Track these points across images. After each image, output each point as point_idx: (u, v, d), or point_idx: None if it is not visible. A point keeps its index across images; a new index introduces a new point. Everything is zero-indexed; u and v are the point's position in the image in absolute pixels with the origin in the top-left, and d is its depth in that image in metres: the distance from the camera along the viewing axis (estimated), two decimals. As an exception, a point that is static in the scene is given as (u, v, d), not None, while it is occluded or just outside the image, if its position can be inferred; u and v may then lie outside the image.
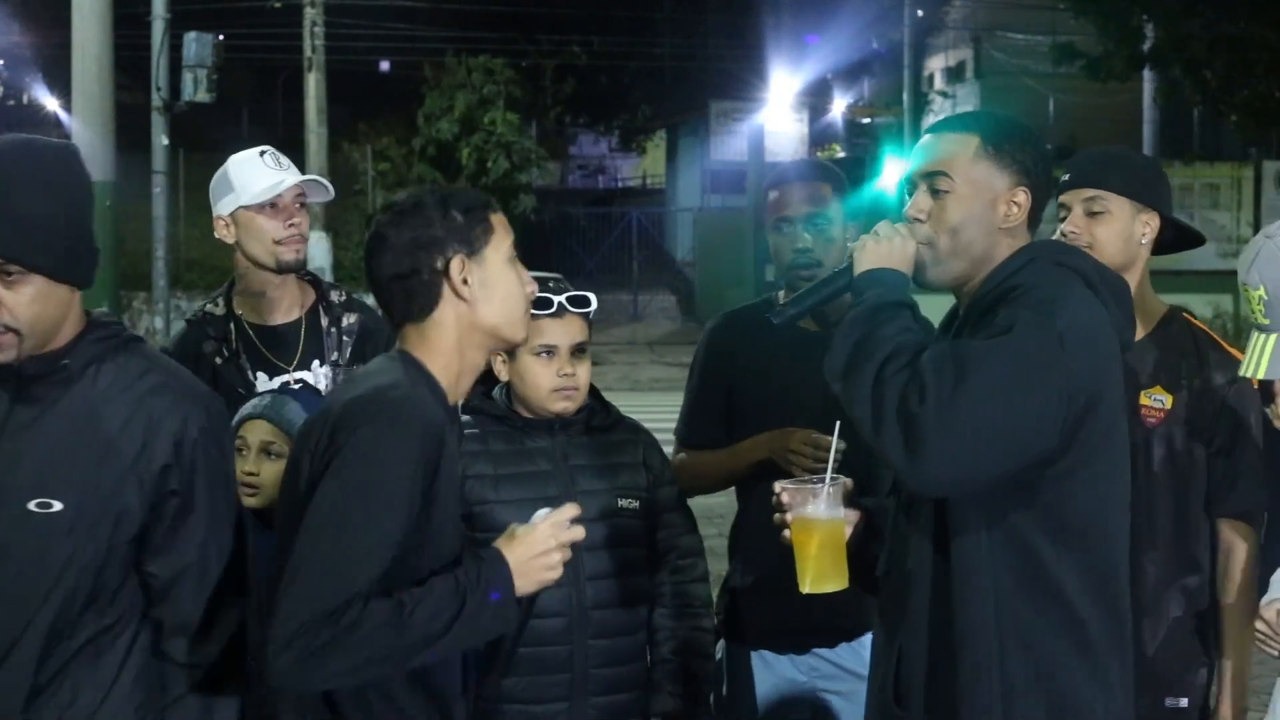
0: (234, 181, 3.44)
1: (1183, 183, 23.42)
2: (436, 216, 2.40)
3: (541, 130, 32.35)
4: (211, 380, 3.39)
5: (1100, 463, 2.30)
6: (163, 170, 15.12)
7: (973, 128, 2.44)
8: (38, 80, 33.33)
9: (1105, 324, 2.31)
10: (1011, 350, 2.18)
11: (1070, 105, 35.05)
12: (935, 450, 2.13)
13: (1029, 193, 2.41)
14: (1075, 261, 2.39)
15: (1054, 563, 2.28)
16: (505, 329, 2.45)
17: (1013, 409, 2.15)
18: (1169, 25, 22.15)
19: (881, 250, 2.40)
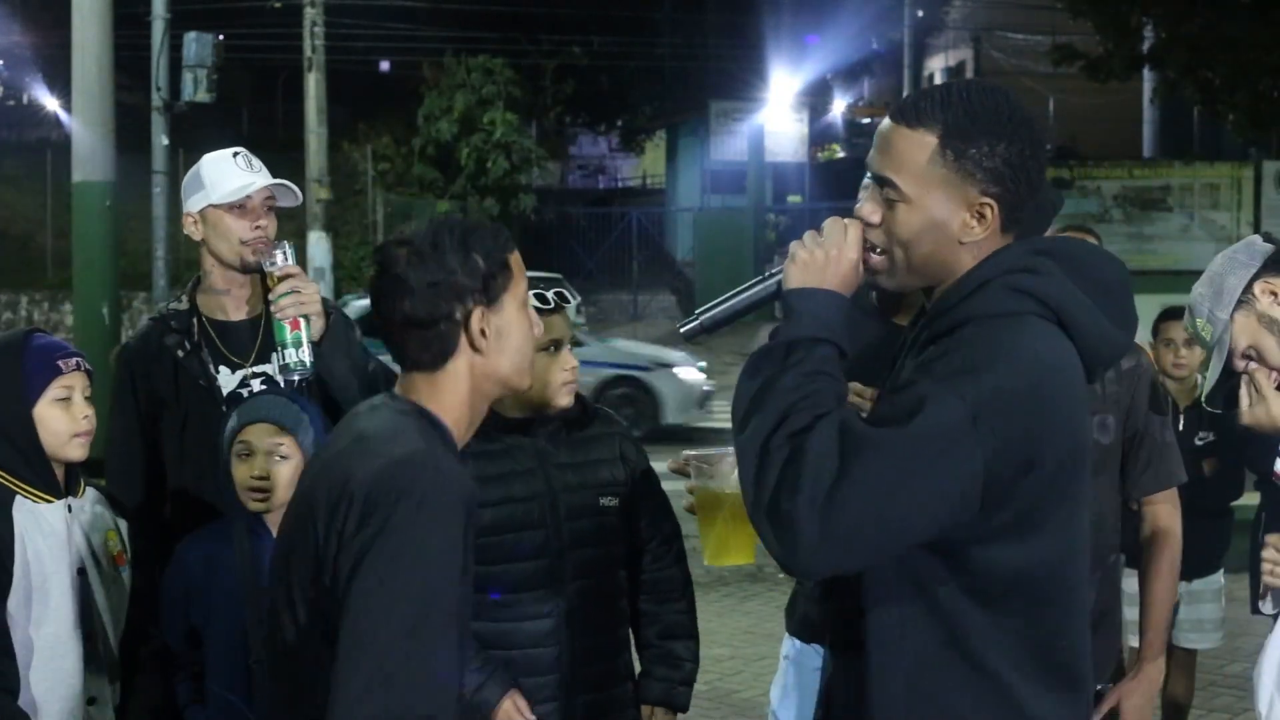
0: (205, 180, 3.49)
1: (1183, 183, 23.40)
2: (458, 262, 2.21)
3: (541, 130, 32.34)
4: (173, 373, 3.44)
5: (1039, 522, 2.03)
6: (163, 170, 15.10)
7: (934, 122, 2.07)
8: (38, 80, 33.31)
9: (1050, 375, 2.02)
10: (907, 440, 1.93)
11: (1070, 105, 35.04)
12: (806, 548, 1.91)
13: (997, 203, 2.07)
14: (1036, 284, 2.05)
15: (982, 632, 2.04)
16: (515, 378, 2.30)
17: (899, 503, 1.92)
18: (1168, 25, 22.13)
19: (815, 264, 2.09)
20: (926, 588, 2.05)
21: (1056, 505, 2.05)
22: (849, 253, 2.11)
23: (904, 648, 2.06)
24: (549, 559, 3.10)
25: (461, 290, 2.21)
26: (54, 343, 3.06)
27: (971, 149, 2.06)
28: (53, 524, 2.94)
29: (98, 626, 3.01)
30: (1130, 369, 3.11)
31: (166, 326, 3.52)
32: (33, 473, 2.94)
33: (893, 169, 2.10)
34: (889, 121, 2.14)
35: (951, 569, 2.03)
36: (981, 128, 2.07)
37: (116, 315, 11.85)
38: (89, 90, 11.69)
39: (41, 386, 2.95)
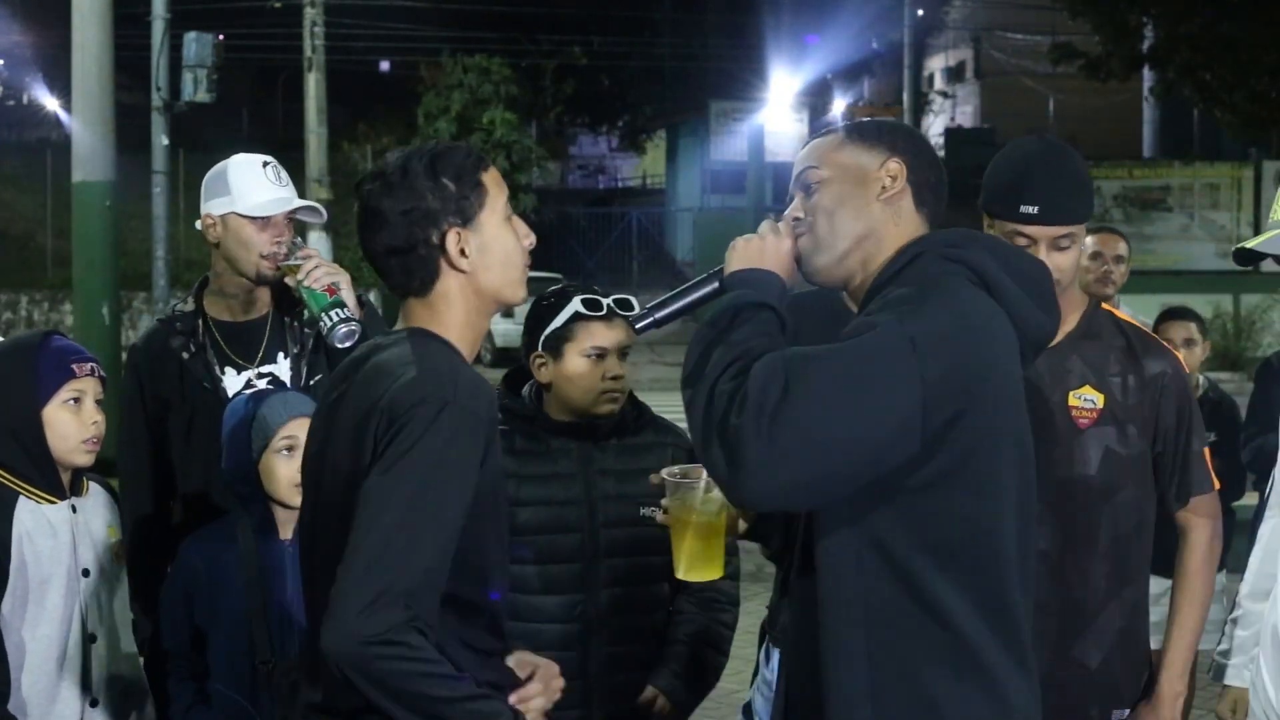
0: (232, 185, 3.46)
1: (1183, 183, 23.42)
2: (427, 186, 2.31)
3: (541, 130, 32.35)
4: (178, 375, 3.44)
5: (975, 472, 2.09)
6: (163, 170, 15.11)
7: (839, 128, 2.36)
8: (38, 80, 33.34)
9: (987, 325, 2.12)
10: (849, 356, 2.02)
11: (1070, 105, 35.06)
12: (754, 463, 1.96)
13: (902, 164, 2.26)
14: (968, 254, 2.19)
15: (932, 581, 2.09)
16: (506, 291, 2.38)
17: (842, 420, 1.98)
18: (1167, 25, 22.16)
19: (753, 249, 2.26)
20: (881, 542, 2.10)
21: (997, 454, 2.12)
22: (785, 240, 2.28)
23: (861, 603, 2.12)
24: (581, 564, 3.09)
25: (433, 214, 2.30)
26: (70, 346, 3.05)
27: (870, 131, 2.33)
28: (55, 525, 2.94)
29: (101, 629, 3.00)
30: (1155, 375, 2.97)
31: (172, 328, 3.52)
32: (38, 473, 2.93)
33: (809, 159, 2.33)
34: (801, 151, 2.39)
35: (904, 521, 2.10)
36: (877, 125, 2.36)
37: (116, 315, 11.84)
38: (89, 90, 11.68)
39: (53, 388, 2.94)
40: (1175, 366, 3.02)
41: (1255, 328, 21.13)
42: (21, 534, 2.88)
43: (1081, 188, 2.96)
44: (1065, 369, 2.96)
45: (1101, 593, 2.94)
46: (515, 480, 3.07)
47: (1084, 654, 2.94)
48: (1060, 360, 2.96)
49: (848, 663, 2.12)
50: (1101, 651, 2.95)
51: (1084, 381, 2.96)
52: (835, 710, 2.13)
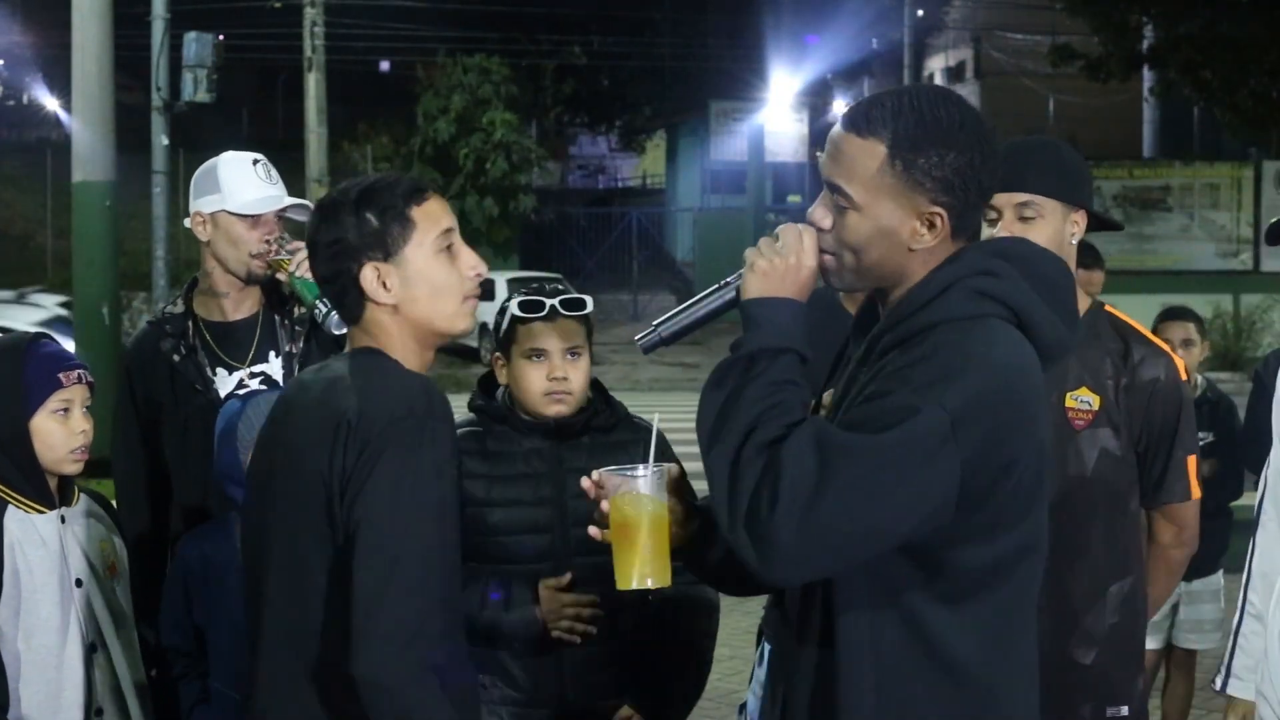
0: (222, 183, 3.44)
1: (1183, 183, 23.40)
2: (350, 221, 2.33)
3: (541, 130, 32.36)
4: (169, 378, 3.42)
5: (1012, 522, 2.04)
6: (163, 170, 15.09)
7: (882, 131, 2.08)
8: (38, 80, 33.34)
9: (1021, 375, 2.03)
10: (888, 450, 1.92)
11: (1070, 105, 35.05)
12: (784, 554, 1.92)
13: (946, 212, 2.07)
14: (998, 287, 2.07)
15: (949, 632, 2.04)
16: (440, 323, 2.38)
17: (878, 512, 1.93)
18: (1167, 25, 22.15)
19: (774, 274, 2.11)
20: (896, 590, 2.04)
21: (1028, 504, 2.06)
22: (807, 260, 2.12)
23: (873, 650, 2.05)
24: (552, 563, 3.08)
25: (352, 248, 2.34)
26: (57, 352, 3.00)
27: (920, 159, 2.06)
28: (44, 535, 2.90)
29: (100, 638, 2.99)
30: (1149, 380, 2.99)
31: (162, 331, 3.49)
32: (25, 483, 2.90)
33: (843, 177, 2.10)
34: (839, 129, 2.14)
35: (922, 572, 2.03)
36: (931, 137, 2.06)
37: (116, 315, 11.83)
38: (89, 90, 11.68)
39: (41, 398, 2.90)
40: (1171, 372, 3.02)
41: (1255, 328, 21.12)
42: (12, 543, 2.84)
43: (1052, 163, 2.99)
44: (1063, 370, 2.96)
45: (1093, 591, 2.96)
46: (486, 481, 3.06)
47: (1077, 651, 2.96)
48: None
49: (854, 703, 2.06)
50: (1094, 649, 2.97)
51: (1080, 383, 2.98)
52: None
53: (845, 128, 2.13)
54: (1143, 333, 3.09)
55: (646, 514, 2.26)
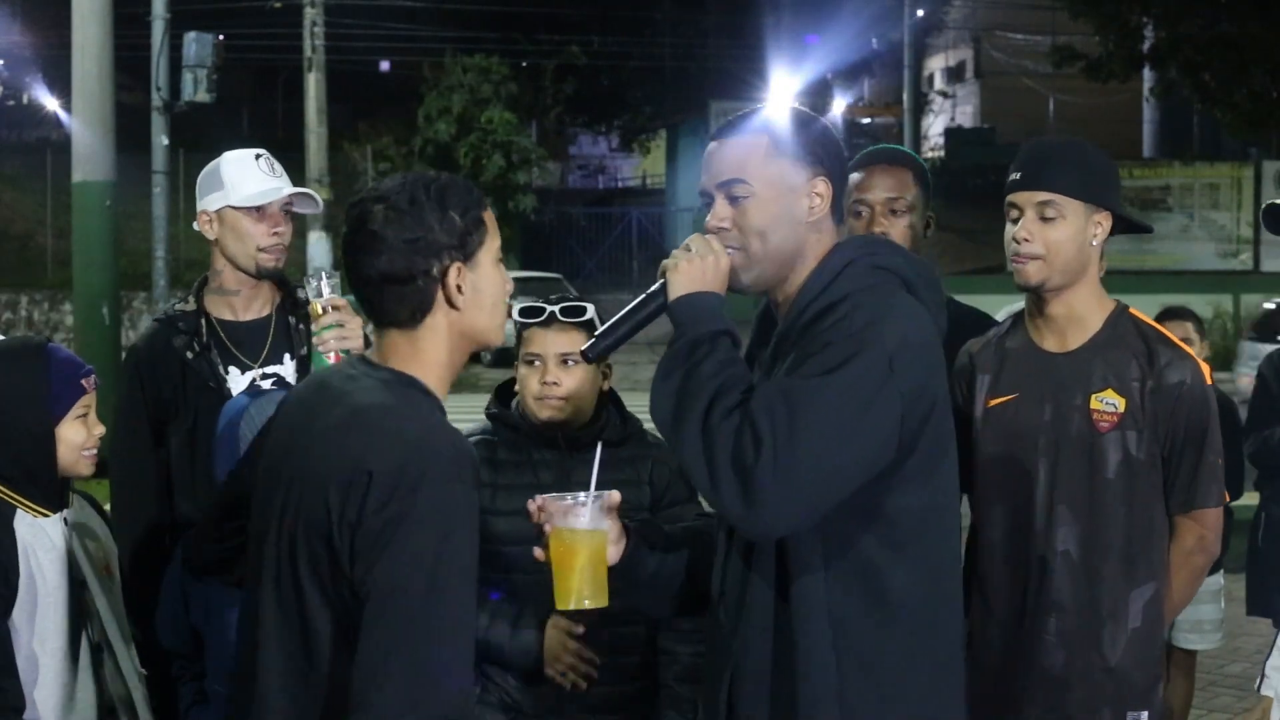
0: (225, 180, 3.43)
1: (1183, 183, 23.43)
2: (435, 219, 2.23)
3: (541, 130, 32.37)
4: (180, 375, 3.40)
5: (928, 467, 2.23)
6: (163, 170, 15.08)
7: (760, 128, 2.36)
8: (38, 80, 33.30)
9: (929, 327, 2.25)
10: (842, 385, 2.12)
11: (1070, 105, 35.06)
12: (775, 501, 2.08)
13: (828, 182, 2.33)
14: (891, 260, 2.32)
15: (896, 574, 2.22)
16: (491, 334, 2.32)
17: (847, 446, 2.11)
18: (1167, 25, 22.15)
19: (695, 271, 2.29)
20: (847, 542, 2.21)
21: (945, 447, 2.28)
22: (721, 256, 2.31)
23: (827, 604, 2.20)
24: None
25: (439, 247, 2.23)
26: (73, 358, 3.00)
27: (795, 137, 2.34)
28: (53, 538, 2.90)
29: (106, 639, 2.99)
30: (1174, 384, 2.97)
31: (173, 328, 3.46)
32: (36, 487, 2.89)
33: (735, 171, 2.34)
34: (713, 144, 2.41)
35: (870, 520, 2.21)
36: (798, 125, 2.36)
37: (116, 315, 11.83)
38: (89, 90, 11.67)
39: (68, 405, 2.89)
40: (1198, 376, 3.01)
41: (1252, 330, 21.12)
42: (24, 548, 2.85)
43: (1075, 163, 3.00)
44: (1088, 372, 2.98)
45: (1117, 594, 2.95)
46: (491, 490, 3.06)
47: (1100, 655, 2.95)
48: (1083, 363, 2.98)
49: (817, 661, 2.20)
50: (1117, 651, 2.96)
51: (1106, 385, 2.97)
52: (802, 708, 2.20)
53: (720, 138, 2.40)
54: (1167, 335, 3.07)
55: (585, 544, 2.37)
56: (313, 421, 2.23)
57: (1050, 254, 2.94)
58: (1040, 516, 2.96)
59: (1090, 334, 3.01)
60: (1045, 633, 2.95)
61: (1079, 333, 3.00)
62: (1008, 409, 3.03)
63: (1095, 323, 3.02)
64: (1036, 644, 2.95)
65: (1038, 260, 2.95)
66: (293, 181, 3.55)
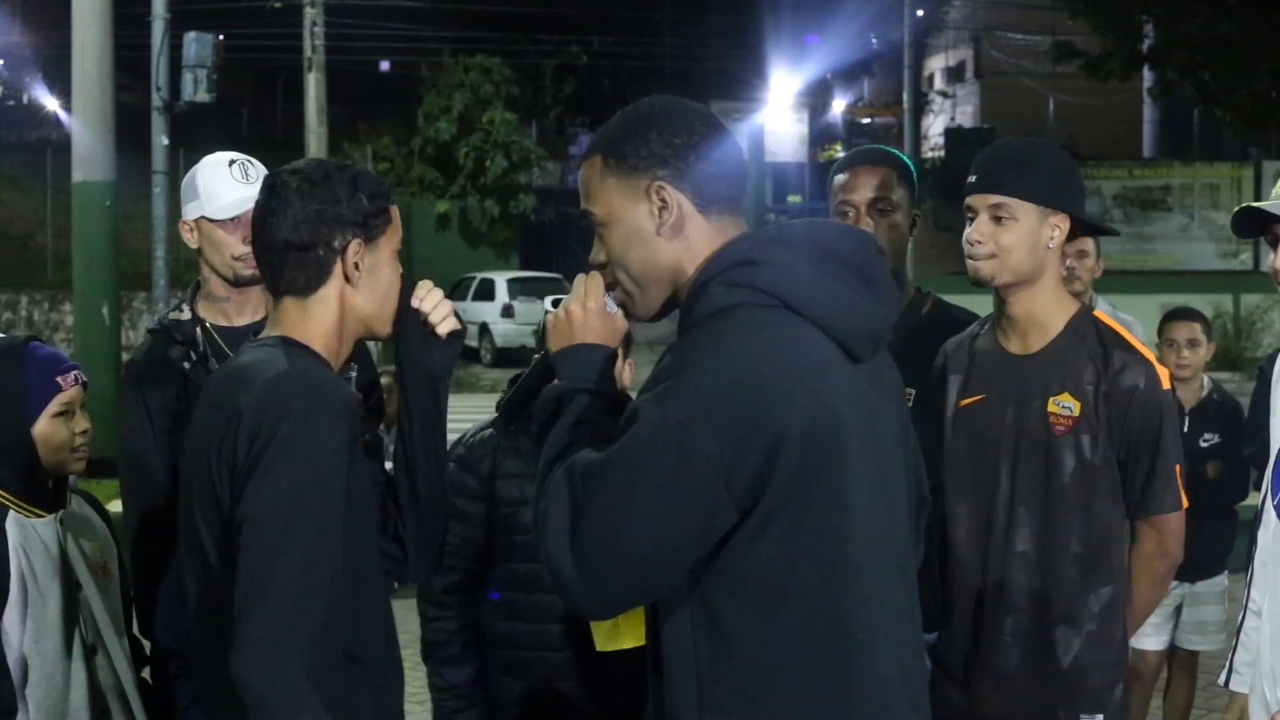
0: (200, 189, 3.40)
1: (1183, 183, 23.42)
2: (345, 194, 2.37)
3: (542, 130, 32.35)
4: (181, 386, 3.38)
5: (798, 511, 1.96)
6: (163, 170, 15.06)
7: (595, 146, 2.19)
8: (38, 80, 33.31)
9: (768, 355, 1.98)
10: (622, 459, 1.94)
11: (1070, 105, 35.06)
12: (573, 586, 1.96)
13: (669, 184, 2.09)
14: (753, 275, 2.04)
15: (762, 640, 1.98)
16: (376, 322, 2.44)
17: (636, 526, 1.92)
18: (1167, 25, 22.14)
19: (561, 327, 2.21)
20: (706, 600, 2.01)
21: (818, 490, 1.97)
22: (590, 303, 2.20)
23: (693, 662, 2.03)
24: None
25: (344, 220, 2.36)
26: (53, 355, 2.99)
27: (626, 147, 2.13)
28: (45, 540, 2.89)
29: (100, 641, 2.98)
30: (1128, 388, 2.98)
31: (170, 339, 3.44)
32: (26, 488, 2.88)
33: (586, 200, 2.22)
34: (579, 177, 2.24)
35: (724, 578, 1.99)
36: (629, 129, 2.15)
37: (116, 315, 11.83)
38: (89, 90, 11.67)
39: (42, 403, 2.89)
40: (1152, 381, 3.00)
41: (1255, 328, 21.12)
42: (15, 548, 2.84)
43: (1030, 167, 3.01)
44: (1046, 374, 2.99)
45: (1072, 596, 2.96)
46: (519, 480, 3.11)
47: (1054, 655, 2.96)
48: (1043, 366, 2.99)
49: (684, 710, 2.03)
50: (1071, 653, 2.97)
51: (1063, 388, 2.98)
52: None
53: (579, 163, 2.25)
54: (1128, 340, 3.06)
55: None
56: (206, 393, 2.41)
57: (1002, 255, 2.96)
58: (1001, 517, 2.98)
59: (1051, 337, 3.02)
60: (1002, 633, 2.97)
61: (1040, 335, 3.01)
62: (976, 410, 3.05)
63: (1056, 325, 3.03)
64: (993, 644, 2.98)
65: (991, 259, 2.97)
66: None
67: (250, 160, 3.47)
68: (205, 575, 2.33)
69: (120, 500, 3.49)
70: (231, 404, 2.26)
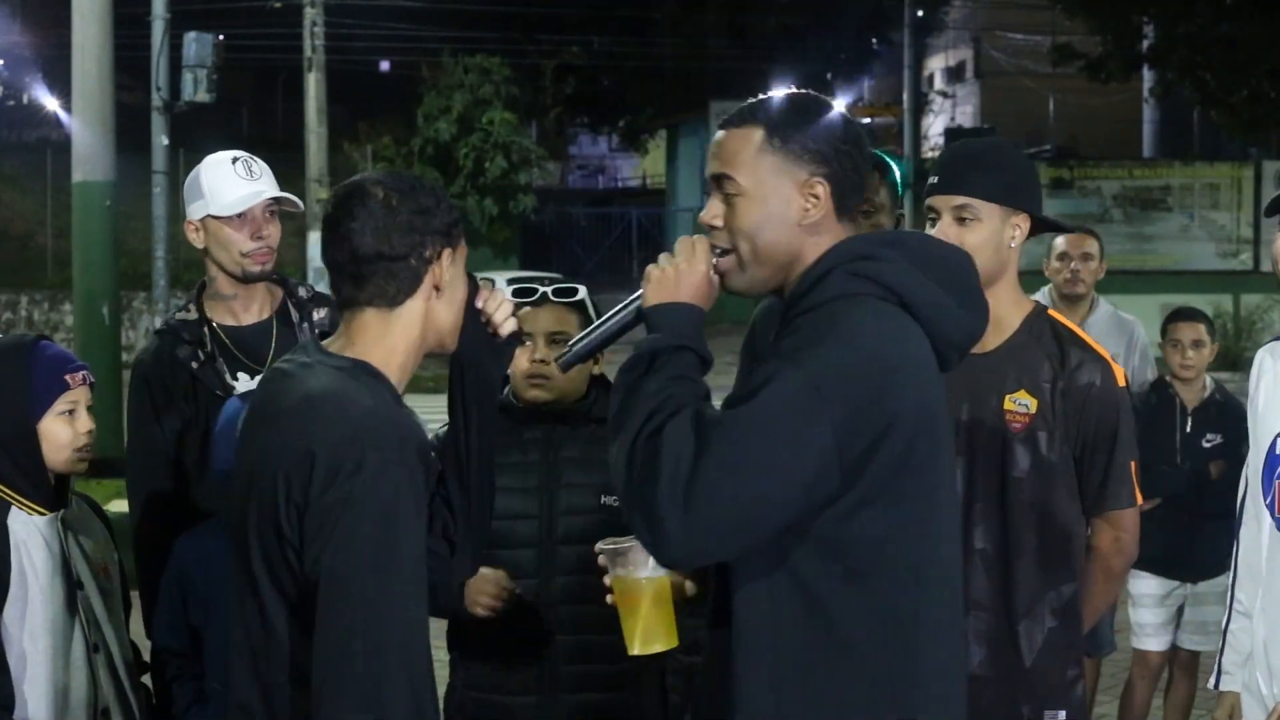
0: (205, 187, 3.42)
1: (1183, 183, 23.39)
2: (432, 204, 2.30)
3: (541, 130, 32.33)
4: (189, 385, 3.37)
5: (895, 492, 2.08)
6: (163, 170, 15.05)
7: (756, 118, 2.23)
8: (38, 80, 33.26)
9: (890, 342, 2.10)
10: (754, 418, 2.01)
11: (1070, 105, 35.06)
12: (673, 530, 1.98)
13: (827, 182, 2.19)
14: (875, 268, 2.15)
15: (846, 608, 2.07)
16: (450, 335, 2.36)
17: (756, 484, 1.98)
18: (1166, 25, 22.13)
19: (667, 281, 2.20)
20: (793, 566, 2.08)
21: (915, 477, 2.10)
22: (698, 265, 2.21)
23: (771, 626, 2.09)
24: (536, 550, 3.11)
25: (435, 230, 2.29)
26: (61, 354, 3.00)
27: (794, 133, 2.20)
28: (47, 537, 2.90)
29: (102, 640, 2.98)
30: (1084, 385, 3.01)
31: (177, 338, 3.44)
32: (29, 485, 2.89)
33: (727, 165, 2.22)
34: (718, 132, 2.28)
35: (816, 546, 2.07)
36: (800, 117, 2.23)
37: (116, 315, 11.82)
38: (89, 90, 11.66)
39: (49, 400, 2.90)
40: (1108, 378, 3.04)
41: (1255, 328, 21.09)
42: (17, 545, 2.85)
43: (992, 167, 3.03)
44: (1003, 372, 3.01)
45: (1032, 593, 2.99)
46: None
47: (1017, 652, 2.98)
48: (999, 364, 3.01)
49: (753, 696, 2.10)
50: (1033, 650, 2.99)
51: (1019, 385, 3.01)
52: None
53: (721, 127, 2.28)
54: (1082, 337, 3.11)
55: (646, 590, 2.41)
56: (271, 410, 2.27)
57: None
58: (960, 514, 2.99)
59: (1007, 335, 3.03)
60: (965, 630, 2.97)
61: (996, 333, 3.01)
62: None
63: (1013, 323, 3.05)
64: None
65: None
66: (293, 182, 3.57)
67: (253, 158, 3.47)
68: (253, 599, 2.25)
69: (126, 501, 3.49)
70: (304, 439, 2.16)
